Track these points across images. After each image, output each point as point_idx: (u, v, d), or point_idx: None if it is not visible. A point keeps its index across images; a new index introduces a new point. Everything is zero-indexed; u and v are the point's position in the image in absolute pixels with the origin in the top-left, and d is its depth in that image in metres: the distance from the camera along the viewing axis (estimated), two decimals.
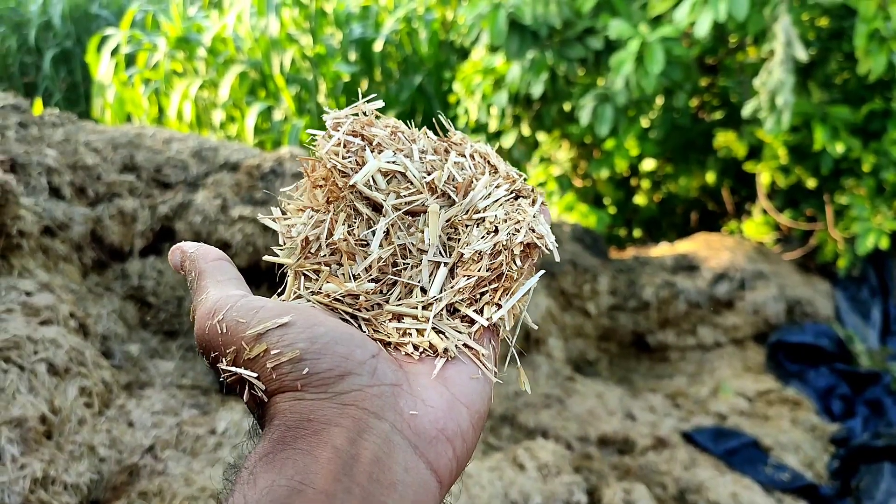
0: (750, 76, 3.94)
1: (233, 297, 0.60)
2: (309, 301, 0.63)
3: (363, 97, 0.73)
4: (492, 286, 0.64)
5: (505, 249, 0.64)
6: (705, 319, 4.32)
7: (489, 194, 0.69)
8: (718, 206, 5.63)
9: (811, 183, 4.68)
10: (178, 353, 2.83)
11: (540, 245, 0.66)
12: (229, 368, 0.56)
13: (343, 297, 0.62)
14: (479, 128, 4.96)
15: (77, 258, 2.79)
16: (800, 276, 4.66)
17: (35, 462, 1.90)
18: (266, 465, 0.50)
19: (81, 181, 2.98)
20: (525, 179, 0.74)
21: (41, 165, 2.80)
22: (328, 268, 0.64)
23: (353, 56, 5.92)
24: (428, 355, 0.61)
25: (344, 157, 0.66)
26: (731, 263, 4.44)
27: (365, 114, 0.72)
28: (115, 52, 6.16)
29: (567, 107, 4.45)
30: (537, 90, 4.00)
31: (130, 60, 6.29)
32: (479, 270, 0.63)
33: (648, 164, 5.45)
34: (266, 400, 0.55)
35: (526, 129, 4.68)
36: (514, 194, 0.70)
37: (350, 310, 0.62)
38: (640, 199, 5.71)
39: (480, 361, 0.61)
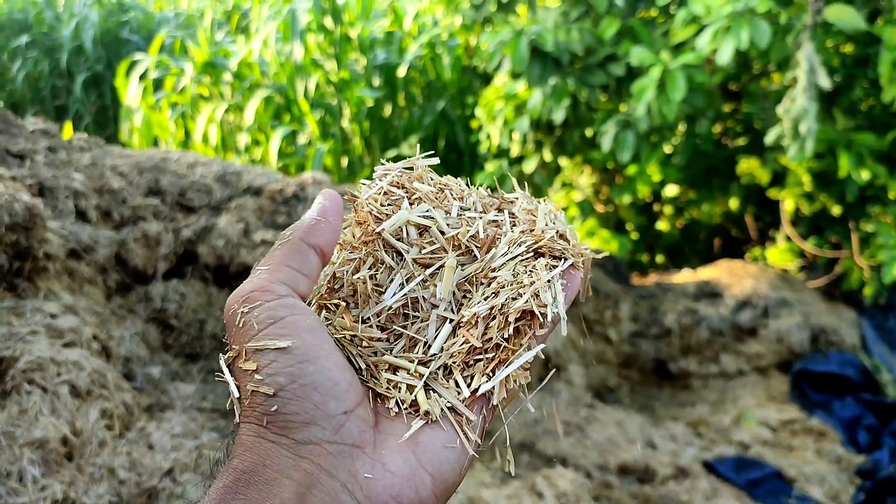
0: (773, 103, 3.93)
1: (270, 294, 0.60)
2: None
3: (420, 152, 0.76)
4: (487, 354, 0.62)
5: (500, 314, 0.63)
6: (728, 347, 4.28)
7: (507, 251, 0.68)
8: (742, 233, 5.58)
9: (836, 210, 4.63)
10: (199, 376, 2.85)
11: (538, 314, 0.64)
12: (225, 371, 0.58)
13: (351, 337, 0.63)
14: (501, 153, 4.98)
15: (101, 281, 2.83)
16: (825, 305, 4.61)
17: (56, 484, 1.91)
18: None
19: (107, 205, 3.02)
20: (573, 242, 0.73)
21: (68, 189, 2.85)
22: (345, 303, 0.65)
23: (376, 81, 5.98)
24: (410, 413, 0.60)
25: (382, 205, 0.68)
26: (755, 291, 4.40)
27: (411, 168, 0.74)
28: (143, 76, 6.27)
29: (589, 132, 4.46)
30: (559, 116, 4.01)
31: (158, 84, 6.40)
32: (473, 335, 0.62)
33: (671, 190, 5.43)
34: (238, 422, 0.56)
35: (548, 155, 4.69)
36: (533, 254, 0.69)
37: (355, 351, 0.63)
38: (662, 225, 5.69)
39: (462, 429, 0.60)
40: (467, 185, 0.76)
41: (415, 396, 0.60)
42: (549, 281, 0.66)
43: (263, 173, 3.51)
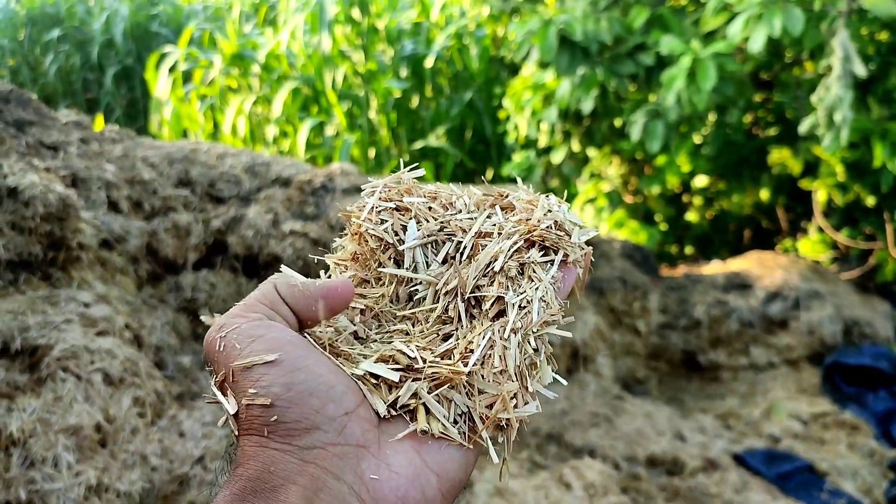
0: (806, 92, 3.87)
1: (245, 318, 0.60)
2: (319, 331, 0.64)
3: (405, 166, 0.77)
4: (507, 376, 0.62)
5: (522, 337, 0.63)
6: (758, 339, 4.23)
7: (499, 246, 0.68)
8: (773, 224, 5.52)
9: (870, 201, 4.56)
10: None
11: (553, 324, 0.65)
12: (216, 392, 0.58)
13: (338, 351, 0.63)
14: (529, 143, 4.96)
15: (133, 270, 2.86)
16: (858, 297, 4.54)
17: (90, 470, 1.94)
18: None
19: (138, 195, 3.06)
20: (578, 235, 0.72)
21: (101, 180, 2.89)
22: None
23: (404, 72, 5.98)
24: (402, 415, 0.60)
25: (375, 223, 0.71)
26: (786, 282, 4.35)
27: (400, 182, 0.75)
28: (172, 69, 6.33)
29: (618, 123, 4.42)
30: (587, 106, 3.98)
31: (187, 77, 6.46)
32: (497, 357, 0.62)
33: (701, 181, 5.38)
34: (237, 436, 0.56)
35: (576, 145, 4.66)
36: (526, 244, 0.68)
37: (344, 359, 0.63)
38: (691, 216, 5.64)
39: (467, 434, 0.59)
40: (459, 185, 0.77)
41: (407, 407, 0.60)
42: (548, 285, 0.66)
43: (292, 164, 3.53)
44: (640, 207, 5.22)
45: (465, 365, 0.59)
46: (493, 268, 0.66)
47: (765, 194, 5.14)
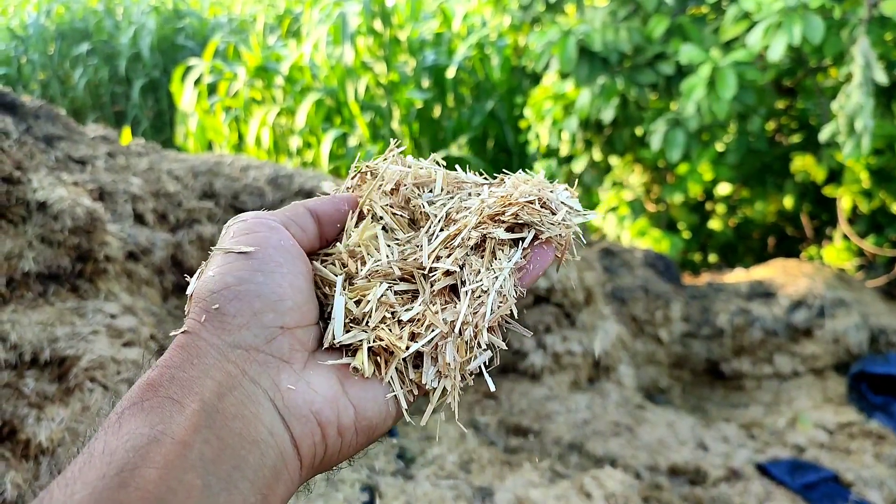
0: (829, 98, 3.85)
1: (257, 214, 0.63)
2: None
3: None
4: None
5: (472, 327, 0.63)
6: (782, 348, 4.20)
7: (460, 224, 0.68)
8: (797, 232, 5.47)
9: None
10: None
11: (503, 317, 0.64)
12: (188, 279, 0.60)
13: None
14: (551, 153, 4.97)
15: (158, 282, 2.91)
16: (884, 305, 4.49)
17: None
18: (135, 411, 0.51)
19: (163, 208, 3.11)
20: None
21: (127, 193, 2.94)
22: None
23: (426, 83, 6.02)
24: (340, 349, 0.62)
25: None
26: (810, 290, 4.31)
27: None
28: (197, 81, 6.42)
29: (639, 131, 4.42)
30: (608, 115, 3.99)
31: (212, 89, 6.54)
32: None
33: (723, 189, 5.35)
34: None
35: (597, 154, 4.66)
36: (492, 223, 0.67)
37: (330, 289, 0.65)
38: (714, 224, 5.61)
39: (399, 386, 0.61)
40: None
41: (351, 345, 0.62)
42: (501, 277, 0.64)
43: (314, 176, 3.57)
44: (663, 216, 5.21)
45: (408, 348, 0.60)
46: (455, 241, 0.65)
47: (789, 202, 5.11)
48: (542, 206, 0.67)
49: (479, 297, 0.63)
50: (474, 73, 6.19)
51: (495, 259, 0.65)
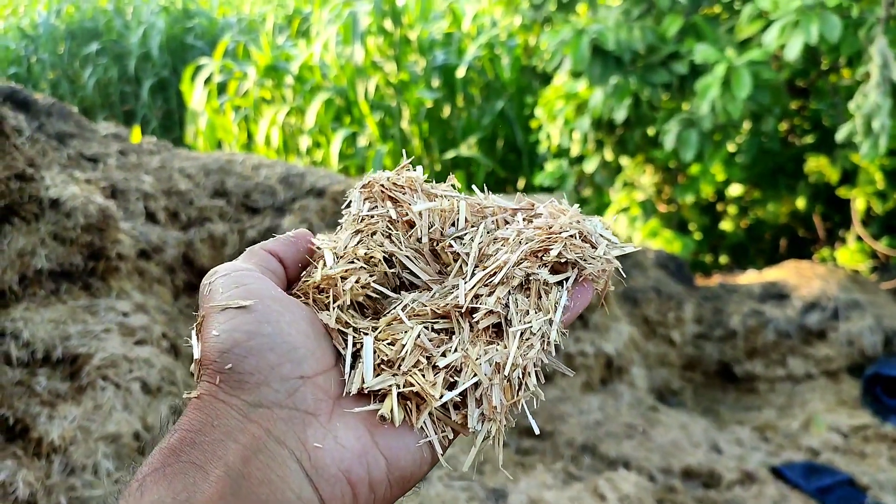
0: (843, 99, 3.82)
1: (235, 267, 0.60)
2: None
3: (408, 158, 0.73)
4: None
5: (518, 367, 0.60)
6: (795, 350, 4.17)
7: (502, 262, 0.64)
8: (809, 233, 5.44)
9: None
10: None
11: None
12: (193, 336, 0.57)
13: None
14: (561, 152, 4.95)
15: (170, 280, 2.90)
16: None
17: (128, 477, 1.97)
18: (157, 477, 0.49)
19: (175, 206, 3.10)
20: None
21: (139, 191, 2.94)
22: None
23: (435, 82, 6.00)
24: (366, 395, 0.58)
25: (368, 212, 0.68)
26: (824, 292, 4.28)
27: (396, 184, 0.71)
28: (207, 80, 6.42)
29: (651, 131, 4.40)
30: (620, 115, 3.97)
31: (222, 88, 6.54)
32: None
33: (735, 189, 5.32)
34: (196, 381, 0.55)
35: (609, 154, 4.64)
36: (537, 259, 0.64)
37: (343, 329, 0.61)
38: (726, 225, 5.58)
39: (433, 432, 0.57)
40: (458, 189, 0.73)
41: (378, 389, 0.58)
42: (550, 321, 0.61)
43: (326, 175, 3.55)
44: (674, 216, 5.18)
45: (441, 396, 0.57)
46: (495, 278, 0.62)
47: (801, 203, 5.08)
48: (582, 240, 0.65)
49: (528, 338, 0.60)
50: (484, 73, 6.17)
51: (539, 300, 0.62)
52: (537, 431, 0.61)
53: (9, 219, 2.36)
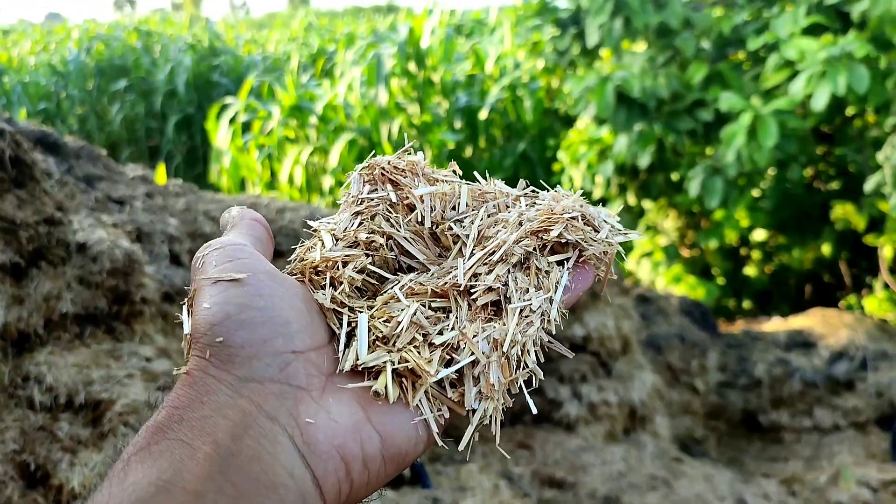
0: (871, 147, 3.79)
1: (230, 241, 0.59)
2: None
3: (407, 144, 0.72)
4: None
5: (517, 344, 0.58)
6: (822, 400, 4.09)
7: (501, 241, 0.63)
8: (835, 280, 5.37)
9: None
10: None
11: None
12: (184, 311, 0.55)
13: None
14: (584, 195, 4.93)
15: None
16: None
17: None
18: (143, 456, 0.47)
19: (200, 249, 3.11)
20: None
21: (164, 234, 2.95)
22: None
23: (458, 124, 6.04)
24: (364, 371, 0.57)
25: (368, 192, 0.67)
26: (851, 341, 4.21)
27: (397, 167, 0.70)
28: (232, 120, 6.49)
29: (674, 177, 4.38)
30: (644, 161, 3.97)
31: (246, 127, 6.62)
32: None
33: (759, 235, 5.28)
34: (187, 358, 0.53)
35: (632, 198, 4.63)
36: (538, 240, 0.63)
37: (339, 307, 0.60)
38: (750, 270, 5.52)
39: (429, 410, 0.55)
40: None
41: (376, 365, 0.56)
42: (551, 299, 0.60)
43: None
44: (698, 261, 5.14)
45: (437, 373, 0.55)
46: (494, 256, 0.61)
47: (826, 249, 5.02)
48: (584, 224, 0.64)
49: (528, 316, 0.59)
50: (506, 115, 6.20)
51: (538, 278, 0.61)
52: (535, 411, 0.59)
53: (37, 263, 2.37)
